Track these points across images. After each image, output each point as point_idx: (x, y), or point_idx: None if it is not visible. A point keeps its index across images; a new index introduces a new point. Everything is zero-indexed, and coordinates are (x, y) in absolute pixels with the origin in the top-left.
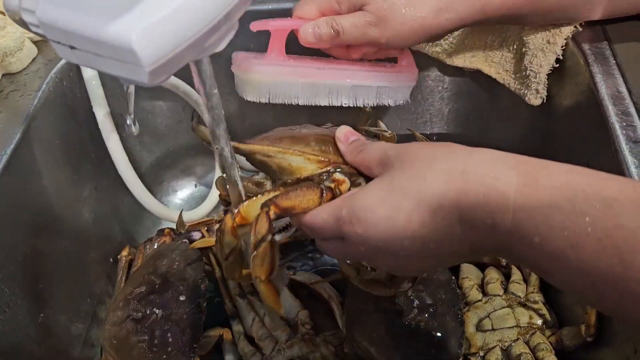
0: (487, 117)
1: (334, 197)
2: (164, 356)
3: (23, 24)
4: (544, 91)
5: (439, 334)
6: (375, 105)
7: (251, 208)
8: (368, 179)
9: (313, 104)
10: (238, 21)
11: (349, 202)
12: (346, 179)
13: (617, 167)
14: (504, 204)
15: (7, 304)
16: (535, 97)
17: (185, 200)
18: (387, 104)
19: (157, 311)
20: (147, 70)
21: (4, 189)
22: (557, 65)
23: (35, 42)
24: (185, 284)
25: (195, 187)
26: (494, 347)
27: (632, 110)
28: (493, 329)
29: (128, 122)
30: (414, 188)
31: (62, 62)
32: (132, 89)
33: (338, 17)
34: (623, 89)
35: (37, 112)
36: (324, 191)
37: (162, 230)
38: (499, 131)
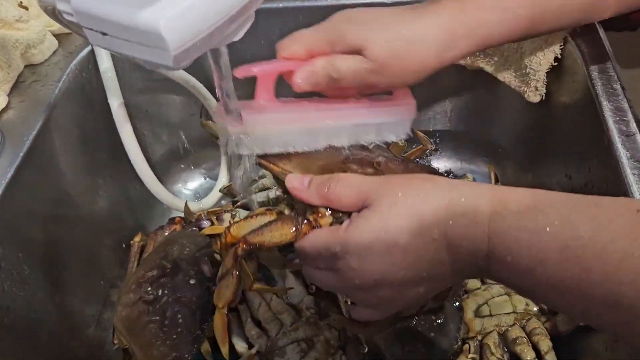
0: (488, 113)
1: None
2: (174, 336)
3: (53, 14)
4: (543, 88)
5: (438, 320)
6: (376, 142)
7: (241, 229)
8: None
9: (312, 150)
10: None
11: (341, 239)
12: (328, 214)
13: (610, 159)
14: (482, 232)
15: (26, 281)
16: (534, 95)
17: (194, 190)
18: (389, 140)
19: (168, 294)
20: (172, 54)
21: (26, 175)
22: (556, 63)
23: (56, 35)
24: (195, 269)
25: (205, 178)
26: (491, 332)
27: (625, 105)
28: (491, 315)
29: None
30: (408, 225)
31: (82, 54)
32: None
33: (336, 61)
34: (617, 86)
35: (57, 101)
36: (300, 225)
37: (173, 218)
38: (499, 127)
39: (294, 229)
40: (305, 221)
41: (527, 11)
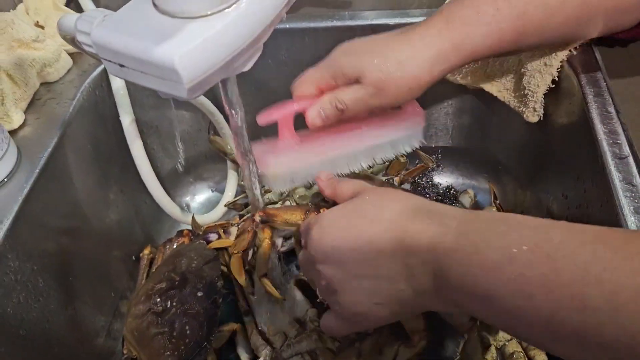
0: (488, 132)
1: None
2: (182, 347)
3: (72, 42)
4: (541, 109)
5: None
6: (394, 157)
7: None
8: None
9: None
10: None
11: (319, 215)
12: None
13: (604, 181)
14: (443, 231)
15: (41, 293)
16: (532, 115)
17: (202, 204)
18: (405, 152)
19: (176, 305)
20: (186, 87)
21: (41, 189)
22: (554, 85)
23: (70, 54)
24: (202, 281)
25: (212, 192)
26: (489, 347)
27: (619, 128)
28: (489, 331)
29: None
30: (372, 213)
31: (95, 73)
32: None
33: (339, 94)
34: (611, 109)
35: (72, 118)
36: (309, 213)
37: (181, 231)
38: (499, 145)
39: (304, 214)
40: (315, 212)
41: (510, 24)
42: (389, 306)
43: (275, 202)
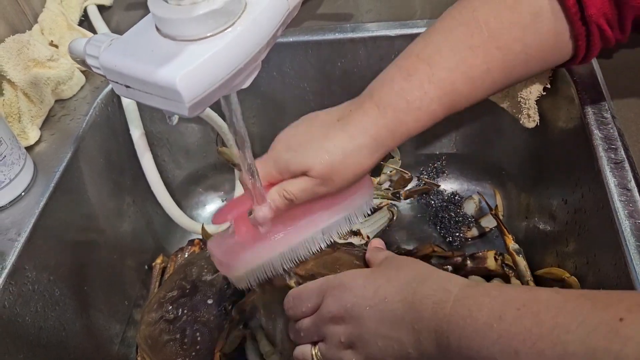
0: (491, 138)
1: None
2: (193, 353)
3: (82, 63)
4: (536, 115)
5: None
6: (349, 230)
7: None
8: None
9: (296, 262)
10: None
11: (336, 276)
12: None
13: (599, 185)
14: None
15: (57, 302)
16: (528, 121)
17: (213, 213)
18: (359, 221)
19: (187, 313)
20: (187, 105)
21: (56, 203)
22: (545, 93)
23: (83, 72)
24: (212, 289)
25: (222, 201)
26: None
27: (615, 134)
28: None
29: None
30: (390, 274)
31: (107, 89)
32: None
33: (286, 186)
34: (607, 115)
35: (85, 133)
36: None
37: (192, 240)
38: (501, 151)
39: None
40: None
41: (439, 104)
42: None
43: None
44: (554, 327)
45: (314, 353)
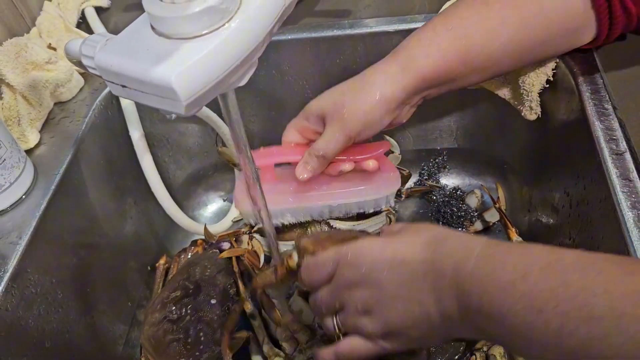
0: (491, 131)
1: (287, 270)
2: (197, 353)
3: (79, 64)
4: (538, 107)
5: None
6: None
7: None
8: None
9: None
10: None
11: (352, 243)
12: (293, 253)
13: (601, 176)
14: (465, 271)
15: (60, 304)
16: (530, 113)
17: (214, 213)
18: (369, 210)
19: (190, 313)
20: (184, 104)
21: (57, 205)
22: (548, 85)
23: (82, 74)
24: (215, 289)
25: (224, 201)
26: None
27: (616, 124)
28: None
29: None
30: (409, 238)
31: (106, 91)
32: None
33: (313, 145)
34: (608, 106)
35: (84, 135)
36: (276, 268)
37: (195, 241)
38: (503, 144)
39: (272, 270)
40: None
41: (450, 45)
42: (419, 329)
43: None
44: (580, 290)
45: (334, 323)
